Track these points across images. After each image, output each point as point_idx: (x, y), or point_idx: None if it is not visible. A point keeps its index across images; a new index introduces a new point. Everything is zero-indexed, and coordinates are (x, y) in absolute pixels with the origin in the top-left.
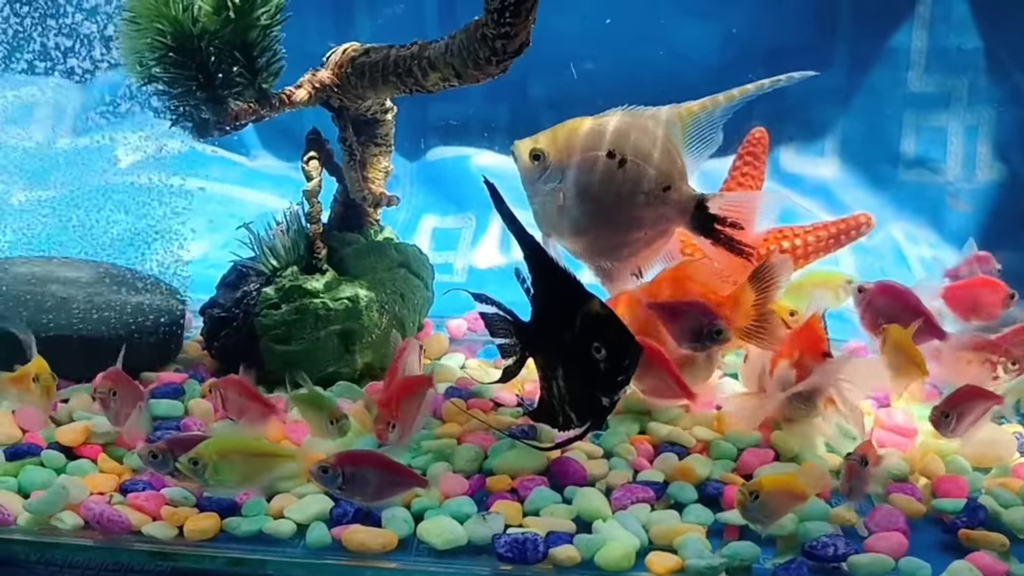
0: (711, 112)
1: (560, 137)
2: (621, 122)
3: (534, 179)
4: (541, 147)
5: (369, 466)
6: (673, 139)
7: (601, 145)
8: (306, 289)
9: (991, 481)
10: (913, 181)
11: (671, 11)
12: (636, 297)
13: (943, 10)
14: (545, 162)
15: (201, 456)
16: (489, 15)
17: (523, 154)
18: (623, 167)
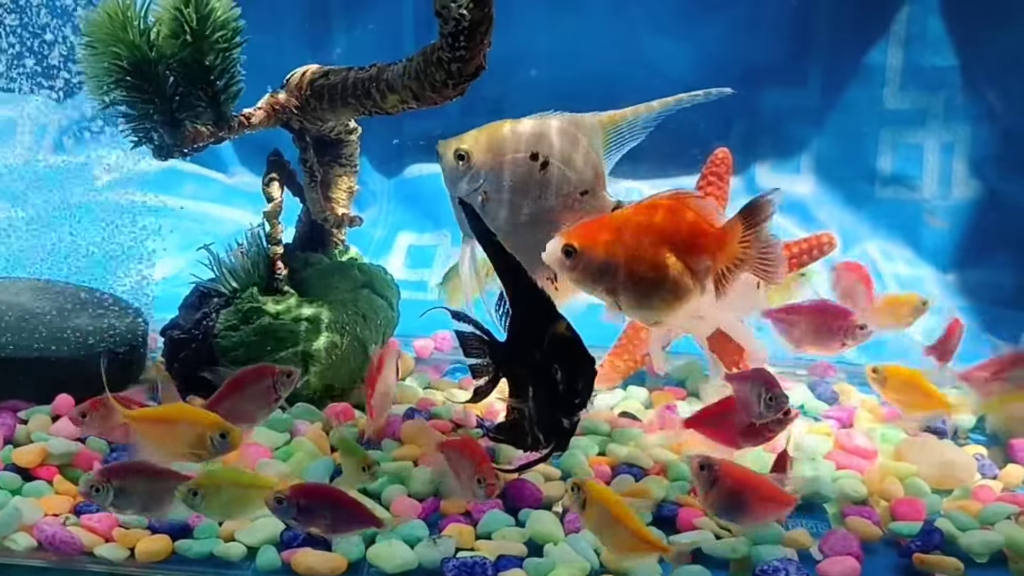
0: (632, 122)
1: (485, 138)
2: (545, 126)
3: (457, 179)
4: (465, 147)
5: (324, 500)
6: (595, 146)
7: (525, 147)
8: (265, 310)
9: (950, 504)
10: (889, 198)
11: (648, 30)
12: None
13: (918, 28)
14: (469, 162)
15: (200, 486)
16: (443, 39)
17: (447, 154)
18: (545, 170)
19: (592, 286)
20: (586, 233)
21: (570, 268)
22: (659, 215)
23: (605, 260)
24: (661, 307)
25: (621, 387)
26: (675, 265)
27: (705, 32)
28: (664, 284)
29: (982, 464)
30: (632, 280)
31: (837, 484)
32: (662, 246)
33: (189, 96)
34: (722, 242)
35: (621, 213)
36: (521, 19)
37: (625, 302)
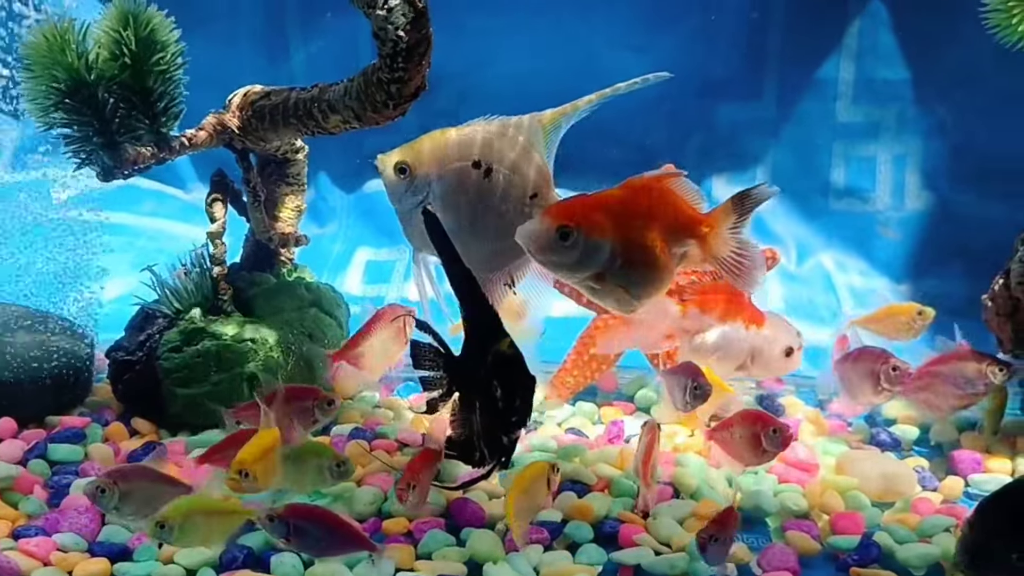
0: (571, 118)
1: (425, 149)
2: (485, 132)
3: (400, 193)
4: (406, 160)
5: (318, 521)
6: (538, 147)
7: (467, 155)
8: (208, 331)
9: (890, 517)
10: (843, 210)
11: (606, 44)
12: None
13: (870, 42)
14: (411, 175)
15: (167, 519)
16: (382, 60)
17: (387, 168)
18: (490, 177)
19: (579, 271)
20: (581, 212)
21: (564, 249)
22: (648, 196)
23: (600, 241)
24: (648, 293)
25: (570, 403)
26: (664, 250)
27: (662, 45)
28: (656, 269)
29: (922, 476)
30: (627, 264)
31: (779, 498)
32: (653, 229)
33: (129, 118)
34: (711, 229)
35: (608, 192)
36: (480, 33)
37: (610, 288)
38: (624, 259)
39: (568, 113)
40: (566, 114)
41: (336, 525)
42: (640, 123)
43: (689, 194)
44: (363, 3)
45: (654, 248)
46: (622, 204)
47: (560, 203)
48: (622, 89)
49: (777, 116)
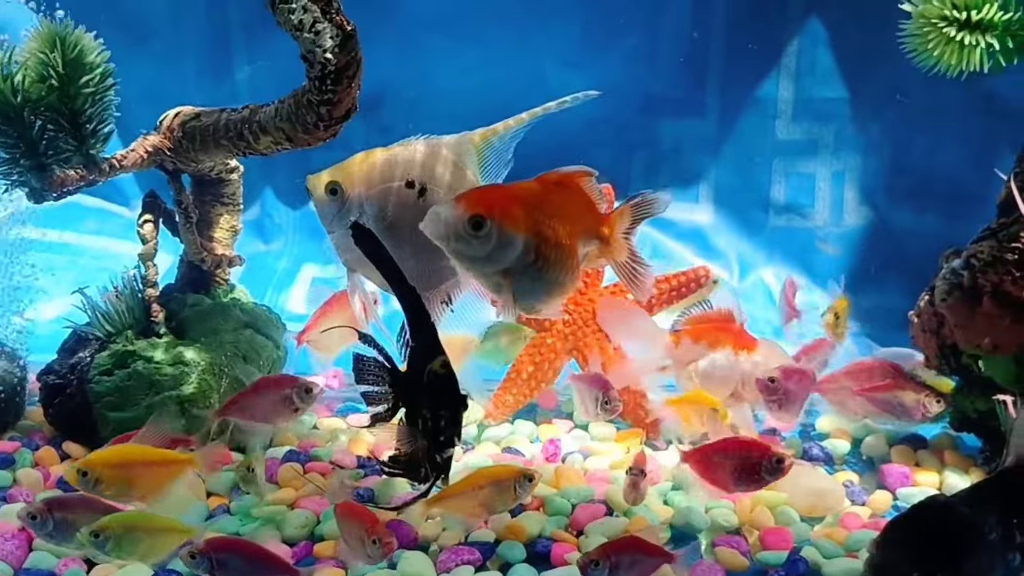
0: (503, 136)
1: (356, 169)
2: (417, 151)
3: (332, 214)
4: (338, 181)
5: (240, 554)
6: (470, 166)
7: (400, 175)
8: (140, 354)
9: (818, 532)
10: (783, 226)
11: (550, 62)
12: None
13: (808, 61)
14: (343, 196)
15: (104, 529)
16: (311, 83)
17: (318, 189)
18: (423, 196)
19: (488, 265)
20: (497, 202)
21: (476, 240)
22: (561, 193)
23: (514, 235)
24: (556, 293)
25: (509, 421)
26: (574, 249)
27: (606, 63)
28: (567, 268)
29: (851, 491)
30: (538, 261)
31: (710, 514)
32: (565, 226)
33: (57, 140)
34: (611, 230)
35: (523, 185)
36: (424, 51)
37: (521, 286)
38: (536, 256)
39: (500, 132)
40: (497, 133)
41: (259, 556)
42: (586, 140)
43: (594, 194)
44: (291, 26)
45: (566, 246)
46: (537, 198)
47: (474, 191)
48: (552, 108)
49: (719, 133)
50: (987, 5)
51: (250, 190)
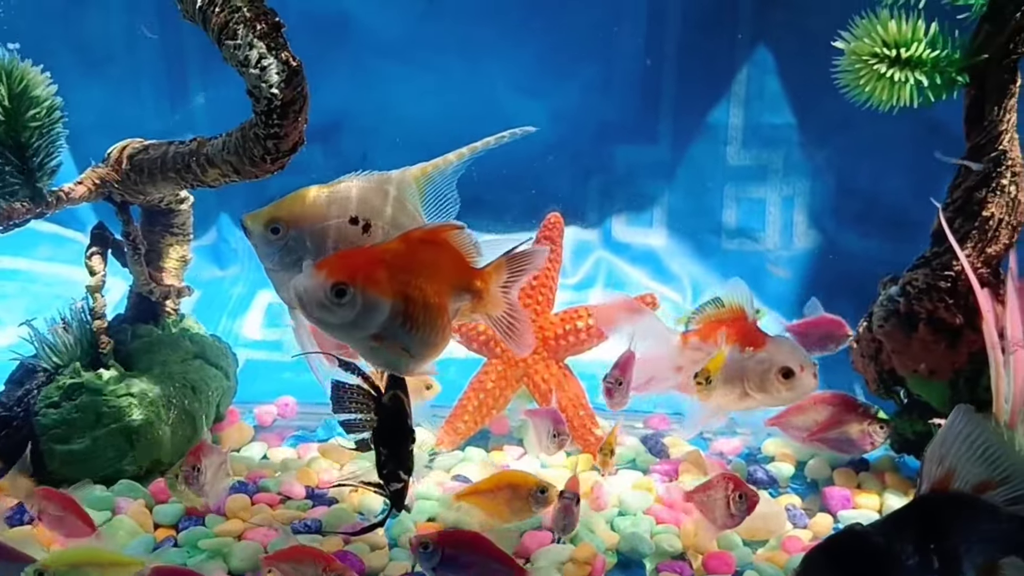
0: (444, 171)
1: (298, 206)
2: (359, 187)
3: (273, 253)
4: (279, 218)
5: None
6: (411, 200)
7: (343, 211)
8: (87, 386)
9: (760, 555)
10: (735, 249)
11: (506, 90)
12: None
13: (757, 88)
14: (284, 233)
15: (48, 567)
16: (258, 117)
17: (258, 227)
18: (369, 232)
19: (355, 331)
20: (359, 267)
21: (339, 308)
22: (428, 250)
23: (380, 299)
24: (429, 352)
25: (460, 449)
26: (445, 306)
27: (561, 91)
28: (438, 327)
29: (793, 514)
30: (408, 323)
31: (655, 539)
32: (434, 284)
33: (3, 174)
34: (485, 284)
35: (386, 246)
36: (380, 78)
37: (390, 349)
38: (405, 317)
39: (440, 167)
40: (438, 168)
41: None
42: (542, 166)
43: (466, 247)
44: (236, 62)
45: (435, 305)
46: (402, 259)
47: (334, 257)
48: (492, 143)
49: (672, 159)
50: (916, 43)
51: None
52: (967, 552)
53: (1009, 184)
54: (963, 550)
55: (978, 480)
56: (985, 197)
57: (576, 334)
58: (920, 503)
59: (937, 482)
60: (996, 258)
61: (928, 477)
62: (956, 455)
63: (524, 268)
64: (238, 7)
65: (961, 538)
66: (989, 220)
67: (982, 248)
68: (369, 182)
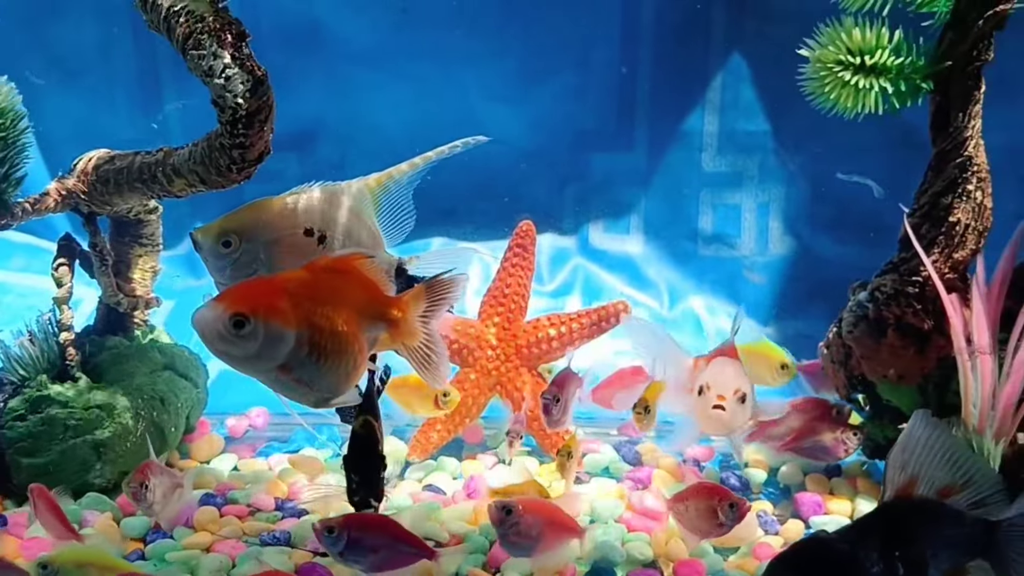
0: (399, 181)
1: (250, 219)
2: (313, 198)
3: (224, 267)
4: (232, 231)
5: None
6: (366, 211)
7: (298, 223)
8: (54, 398)
9: (731, 563)
10: (711, 256)
11: (482, 98)
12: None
13: (731, 96)
14: (236, 247)
15: (53, 562)
16: (223, 127)
17: (209, 241)
18: (323, 243)
19: (259, 363)
20: (259, 298)
21: (240, 340)
22: (334, 279)
23: (283, 330)
24: (341, 384)
25: (433, 458)
26: (355, 336)
27: (537, 98)
28: (347, 357)
29: (764, 520)
30: (314, 353)
31: (626, 547)
32: (342, 314)
33: None
34: (402, 314)
35: (293, 275)
36: (354, 86)
37: (298, 380)
38: (312, 348)
39: (395, 177)
40: (393, 178)
41: None
42: (519, 174)
43: (377, 276)
44: (201, 72)
45: (343, 335)
46: (307, 288)
47: (235, 288)
48: (445, 152)
49: (648, 166)
50: (880, 50)
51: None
52: (933, 557)
53: (975, 190)
54: (929, 555)
55: (942, 484)
56: (951, 203)
57: (548, 341)
58: (884, 509)
59: (901, 488)
60: (963, 263)
61: (892, 483)
62: (918, 460)
63: (444, 297)
64: (203, 17)
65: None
66: (956, 226)
67: (949, 254)
68: (324, 193)
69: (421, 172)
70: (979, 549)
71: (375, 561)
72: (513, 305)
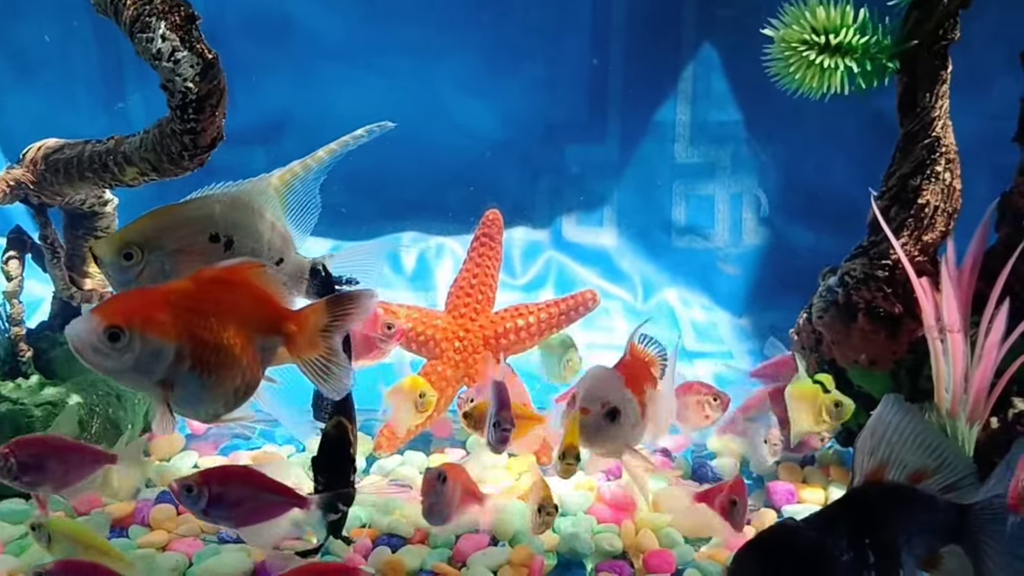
0: (304, 178)
1: (151, 228)
2: (217, 202)
3: (129, 281)
4: (133, 243)
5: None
6: (273, 210)
7: (203, 229)
8: (5, 395)
9: (702, 553)
10: (685, 247)
11: (452, 90)
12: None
13: (703, 86)
14: (140, 259)
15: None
16: (173, 112)
17: (110, 255)
18: (231, 249)
19: (137, 378)
20: (135, 310)
21: (115, 353)
22: (222, 289)
23: (162, 343)
24: (229, 398)
25: (399, 452)
26: (246, 349)
27: (508, 90)
28: (236, 371)
29: None
30: (199, 367)
31: (595, 539)
32: (229, 326)
33: None
34: (299, 328)
35: (176, 285)
36: (322, 79)
37: (183, 395)
38: (194, 361)
39: (299, 174)
40: (296, 175)
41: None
42: (492, 167)
43: (272, 285)
44: (149, 55)
45: (231, 348)
46: (190, 299)
47: (113, 299)
48: (349, 143)
49: (620, 158)
50: (845, 29)
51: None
52: (906, 543)
53: (944, 171)
54: (902, 542)
55: (913, 469)
56: (920, 185)
57: (517, 332)
58: (853, 496)
59: (870, 473)
60: (933, 246)
61: (861, 469)
62: (889, 445)
63: (349, 312)
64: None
65: (898, 529)
66: (925, 208)
67: (919, 236)
68: (227, 196)
69: (327, 167)
70: (953, 534)
71: (241, 514)
72: (481, 296)
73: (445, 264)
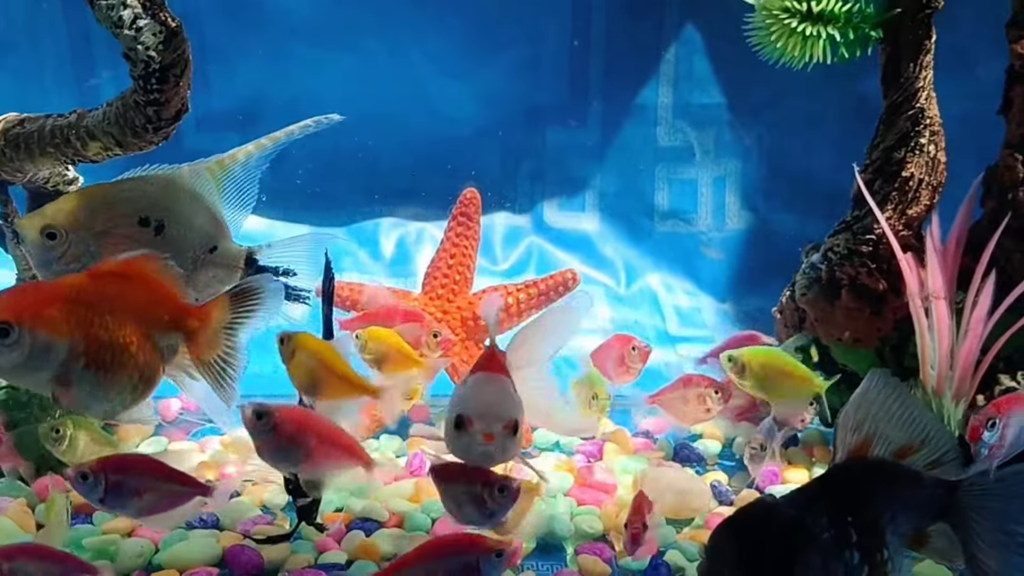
0: (245, 164)
1: (79, 208)
2: (149, 184)
3: (51, 261)
4: (56, 223)
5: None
6: (208, 195)
7: (132, 212)
8: None
9: (684, 534)
10: (668, 232)
11: (431, 72)
12: None
13: (686, 68)
14: (63, 240)
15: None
16: (136, 82)
17: (31, 233)
18: (161, 234)
19: (29, 375)
20: (25, 305)
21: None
22: (118, 284)
23: (53, 339)
24: (126, 396)
25: (375, 438)
26: (144, 346)
27: (488, 73)
28: (133, 368)
29: (719, 491)
30: (93, 365)
31: (575, 521)
32: (126, 323)
33: None
34: (201, 324)
35: (70, 280)
36: (297, 61)
37: (79, 393)
38: (88, 359)
39: (240, 160)
40: (237, 161)
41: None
42: (473, 150)
43: (171, 281)
44: (110, 23)
45: (127, 346)
46: (84, 294)
47: (3, 293)
48: (295, 132)
49: (602, 141)
50: None
51: None
52: (891, 521)
53: (928, 143)
54: (886, 520)
55: (898, 445)
56: (904, 157)
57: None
58: (835, 472)
59: (854, 449)
60: (918, 220)
61: (843, 445)
62: (874, 420)
63: (254, 308)
64: None
65: (883, 507)
66: (909, 181)
67: (903, 210)
68: (161, 178)
69: (270, 154)
70: (940, 511)
71: (142, 505)
72: (458, 276)
73: (425, 250)
